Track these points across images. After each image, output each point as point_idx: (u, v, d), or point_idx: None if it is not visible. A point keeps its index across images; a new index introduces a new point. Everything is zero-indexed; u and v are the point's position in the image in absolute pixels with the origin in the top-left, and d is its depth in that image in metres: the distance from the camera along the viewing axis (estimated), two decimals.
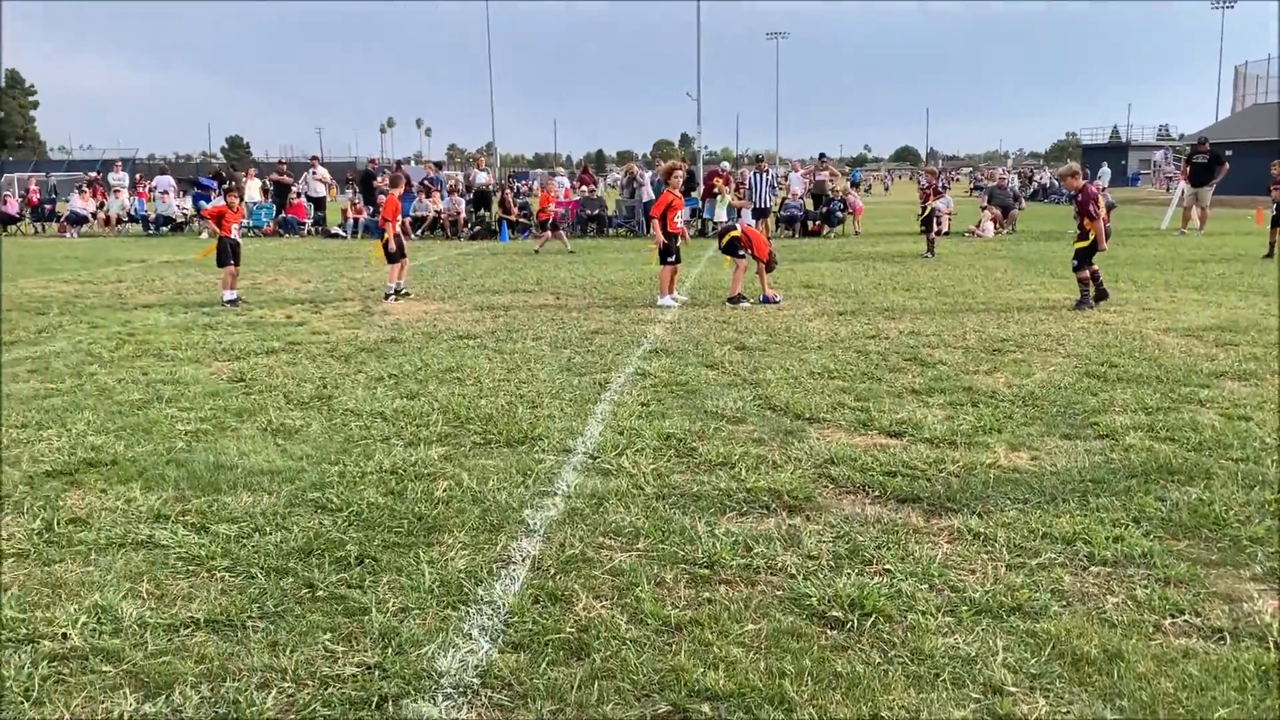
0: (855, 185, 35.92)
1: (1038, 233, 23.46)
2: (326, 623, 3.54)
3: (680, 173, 12.71)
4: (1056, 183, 39.52)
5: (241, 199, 14.91)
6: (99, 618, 3.58)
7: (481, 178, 27.43)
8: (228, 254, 12.31)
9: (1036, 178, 58.53)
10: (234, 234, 12.48)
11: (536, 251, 20.11)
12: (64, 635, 3.45)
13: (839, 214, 24.70)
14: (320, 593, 3.78)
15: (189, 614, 3.60)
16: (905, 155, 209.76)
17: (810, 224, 24.83)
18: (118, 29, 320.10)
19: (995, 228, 23.42)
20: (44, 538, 4.36)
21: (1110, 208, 24.27)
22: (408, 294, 12.94)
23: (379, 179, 26.27)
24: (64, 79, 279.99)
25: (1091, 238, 11.17)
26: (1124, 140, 76.96)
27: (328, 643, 3.39)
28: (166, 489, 4.96)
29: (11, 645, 3.39)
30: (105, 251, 21.43)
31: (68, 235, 26.71)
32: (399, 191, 13.84)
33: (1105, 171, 45.32)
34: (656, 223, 12.39)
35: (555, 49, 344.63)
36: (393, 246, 12.74)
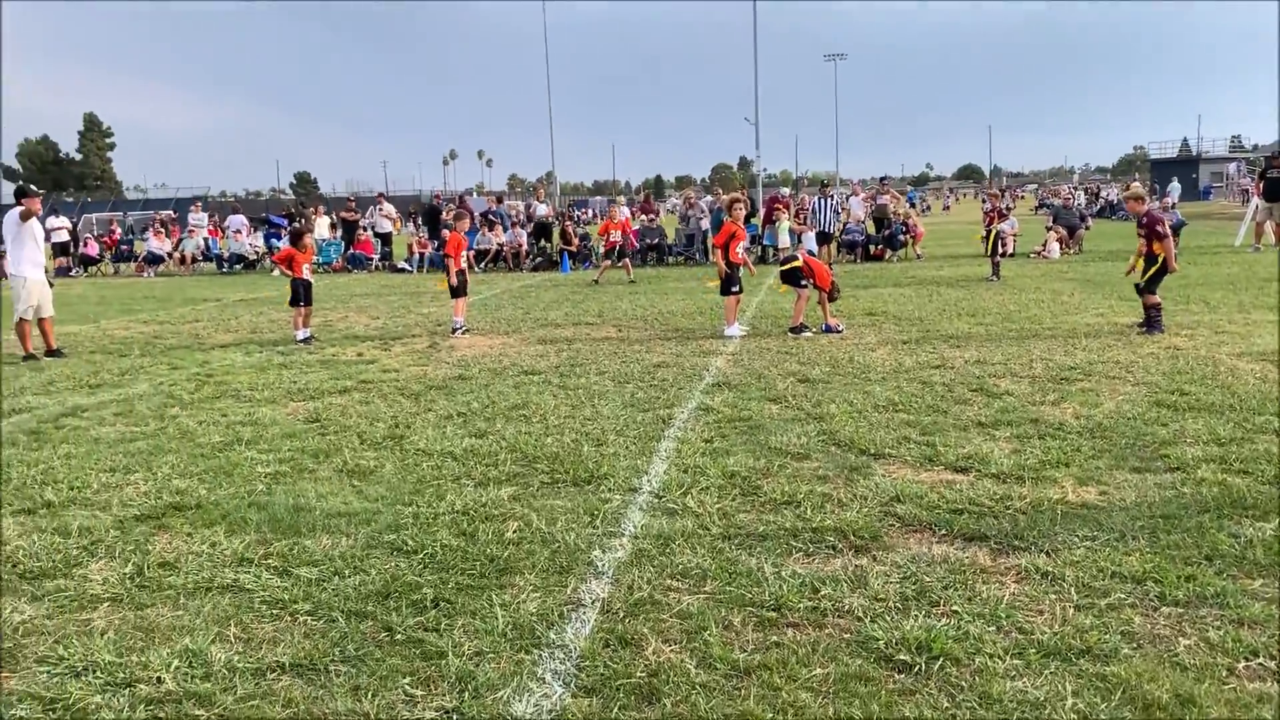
0: (912, 205, 35.67)
1: (1105, 252, 23.10)
2: (405, 666, 3.66)
3: (741, 205, 12.81)
4: (1123, 202, 38.83)
5: (310, 235, 15.33)
6: (190, 662, 3.74)
7: (541, 209, 27.81)
8: (299, 294, 12.67)
9: (1103, 194, 57.65)
10: (305, 274, 12.86)
11: (596, 281, 20.31)
12: (158, 679, 3.61)
13: (901, 238, 24.57)
14: (398, 636, 3.91)
15: (274, 658, 3.75)
16: (968, 173, 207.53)
17: (872, 248, 24.75)
18: (188, 69, 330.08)
19: (1061, 248, 23.12)
20: (135, 582, 4.55)
21: (1179, 226, 23.87)
22: (469, 330, 13.17)
23: (444, 212, 26.77)
24: (138, 119, 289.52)
25: (1161, 260, 11.02)
26: (1194, 153, 75.39)
27: (407, 687, 3.51)
28: (249, 532, 5.15)
29: (111, 689, 3.56)
30: (182, 291, 22.12)
31: (145, 275, 27.62)
32: (463, 227, 14.11)
33: (1175, 187, 44.41)
34: (719, 253, 12.52)
35: (613, 75, 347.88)
36: (454, 280, 13.06)
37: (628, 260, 21.53)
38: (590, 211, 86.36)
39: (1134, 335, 10.83)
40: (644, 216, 27.05)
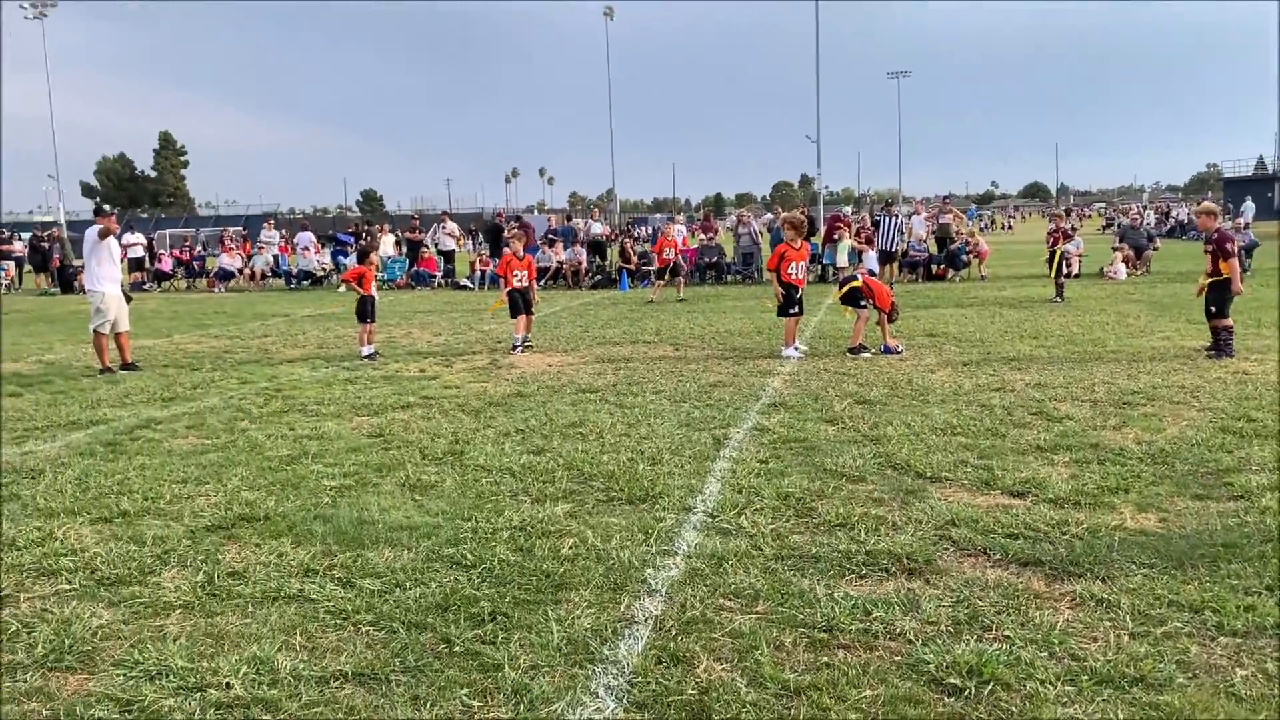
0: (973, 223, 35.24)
1: (1173, 274, 22.66)
2: (463, 678, 3.76)
3: (792, 228, 12.78)
4: (1194, 219, 37.96)
5: (376, 253, 15.71)
6: (257, 668, 3.88)
7: (596, 228, 28.10)
8: (366, 310, 12.97)
9: (1174, 213, 56.45)
10: (372, 290, 13.17)
11: (652, 300, 20.40)
12: (228, 685, 3.76)
13: (964, 257, 24.33)
14: (457, 648, 4.01)
15: (338, 667, 3.88)
16: (1034, 192, 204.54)
17: (934, 268, 24.55)
18: (260, 90, 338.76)
19: (1128, 269, 22.74)
20: (206, 590, 4.72)
21: (1252, 247, 23.34)
22: (530, 345, 13.35)
23: (505, 230, 27.14)
24: (211, 138, 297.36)
25: (1226, 280, 10.83)
26: (1271, 171, 73.52)
27: (465, 698, 3.61)
28: (315, 544, 5.31)
29: (183, 693, 3.71)
30: (251, 306, 22.68)
31: (216, 290, 28.36)
32: (517, 248, 14.24)
33: (1249, 206, 43.31)
34: (773, 276, 12.55)
35: (675, 93, 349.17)
36: (502, 301, 13.46)
37: (680, 279, 21.59)
38: (649, 229, 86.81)
39: (1201, 359, 10.65)
40: (703, 235, 27.13)
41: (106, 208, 13.18)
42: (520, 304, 13.41)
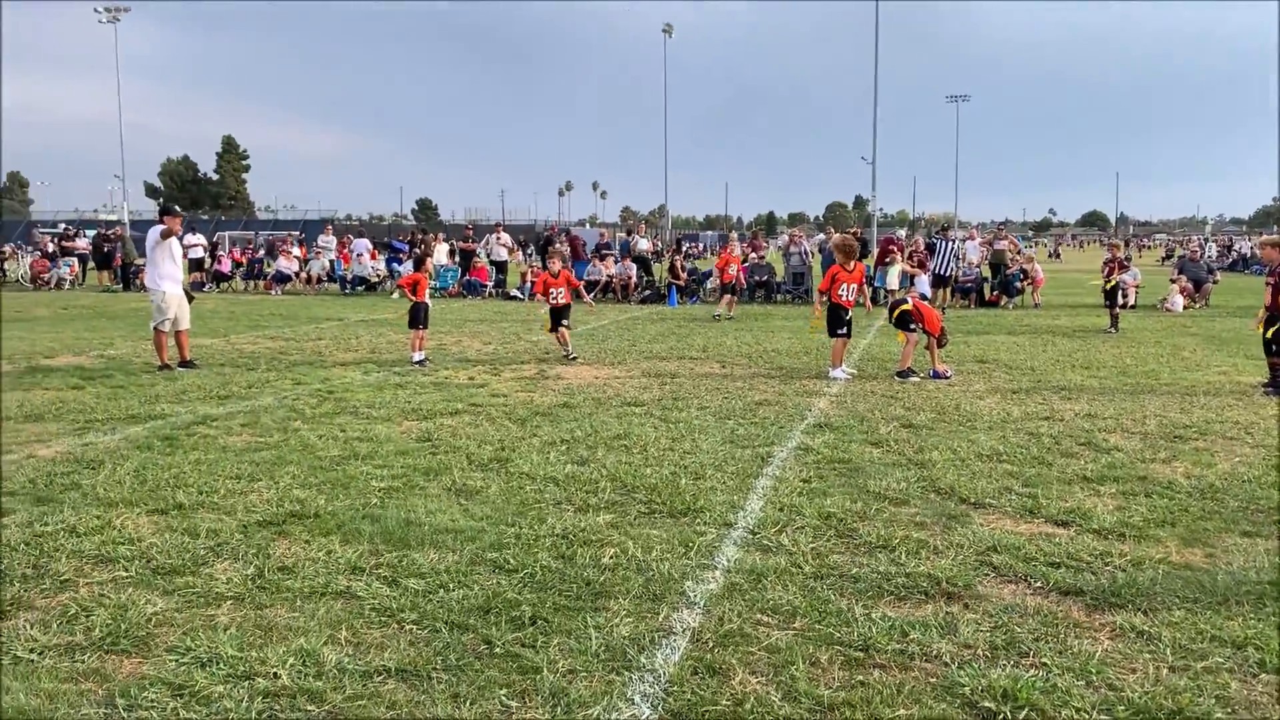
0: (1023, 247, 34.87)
1: (1233, 308, 22.27)
2: (503, 679, 3.84)
3: (844, 251, 12.77)
4: (1257, 253, 37.25)
5: (431, 260, 15.91)
6: (304, 660, 3.99)
7: (643, 244, 28.26)
8: (419, 317, 13.17)
9: (1236, 246, 55.43)
10: (425, 298, 13.38)
11: (717, 317, 20.26)
12: (275, 674, 3.87)
13: (1017, 284, 24.12)
14: (497, 649, 4.09)
15: (381, 662, 3.98)
16: (1093, 220, 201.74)
17: (987, 294, 24.37)
18: (322, 96, 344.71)
19: (1187, 301, 22.38)
20: (256, 583, 4.86)
21: None
22: (575, 358, 13.47)
23: (557, 243, 27.41)
24: (272, 142, 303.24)
25: None
26: None
27: (504, 698, 3.69)
28: (362, 543, 5.43)
29: (232, 680, 3.83)
30: (307, 309, 23.08)
31: (273, 293, 28.89)
32: (555, 266, 14.44)
33: None
34: (819, 297, 12.54)
35: (729, 111, 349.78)
36: (545, 316, 13.96)
37: (733, 297, 21.58)
38: (701, 245, 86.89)
39: (1258, 396, 10.48)
40: (754, 254, 27.15)
41: (175, 208, 13.54)
42: (553, 320, 13.90)
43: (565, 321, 13.93)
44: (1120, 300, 18.56)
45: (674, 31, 68.09)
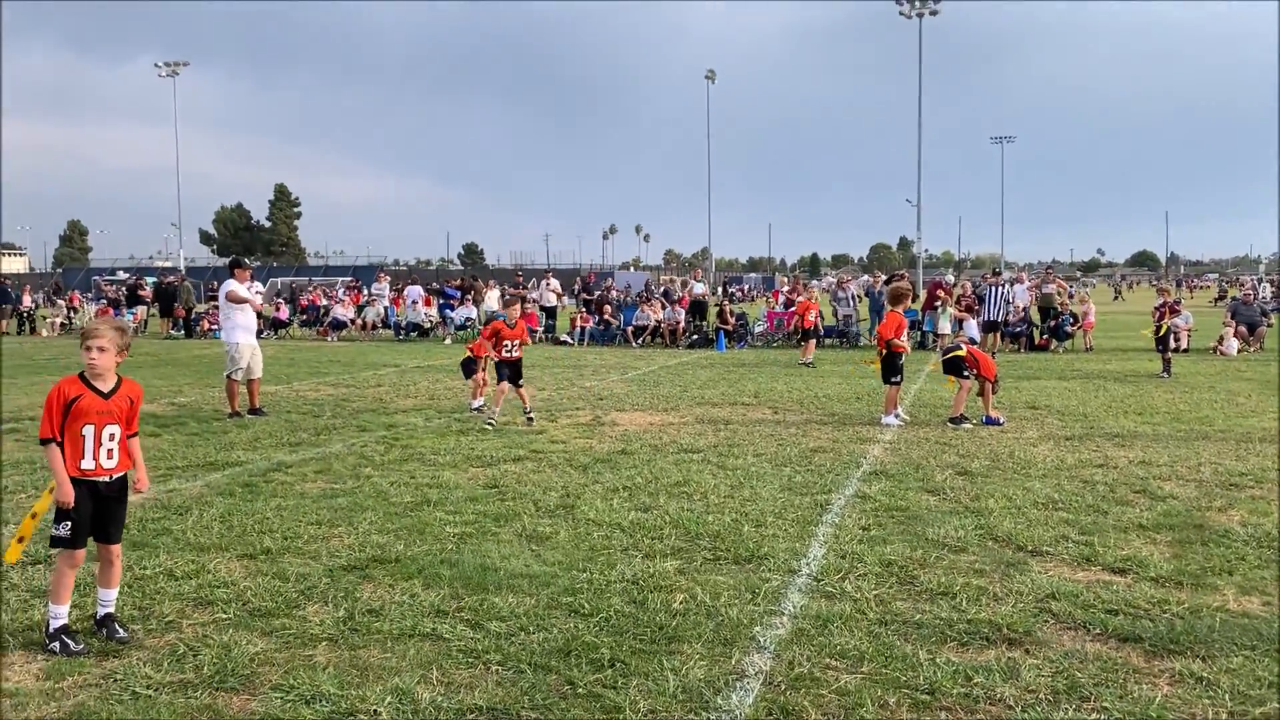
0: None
1: None
2: (585, 717, 4.07)
3: (906, 301, 12.98)
4: None
5: (480, 305, 16.21)
6: (400, 699, 4.25)
7: (699, 289, 28.59)
8: (475, 365, 13.52)
9: None
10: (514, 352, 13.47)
11: (803, 363, 20.27)
12: (375, 711, 4.14)
13: (1068, 328, 24.08)
14: (580, 690, 4.33)
15: (473, 701, 4.23)
16: (1142, 260, 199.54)
17: (1037, 338, 24.35)
18: (371, 145, 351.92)
19: (1240, 344, 22.23)
20: (348, 625, 5.14)
21: None
22: (534, 420, 12.30)
23: (598, 290, 27.85)
24: (321, 189, 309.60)
25: None
26: None
27: None
28: (443, 587, 5.70)
29: (336, 716, 4.10)
30: (363, 356, 23.63)
31: (329, 339, 29.56)
32: (512, 314, 12.75)
33: None
34: (880, 344, 12.66)
35: (771, 152, 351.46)
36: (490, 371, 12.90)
37: (811, 343, 21.48)
38: (746, 287, 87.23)
39: None
40: (797, 299, 27.35)
41: (245, 260, 14.09)
42: (507, 374, 12.21)
43: (521, 381, 12.52)
44: (1173, 344, 18.52)
45: (716, 77, 68.98)
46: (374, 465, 9.39)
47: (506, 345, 12.26)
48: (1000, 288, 22.11)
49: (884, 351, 12.51)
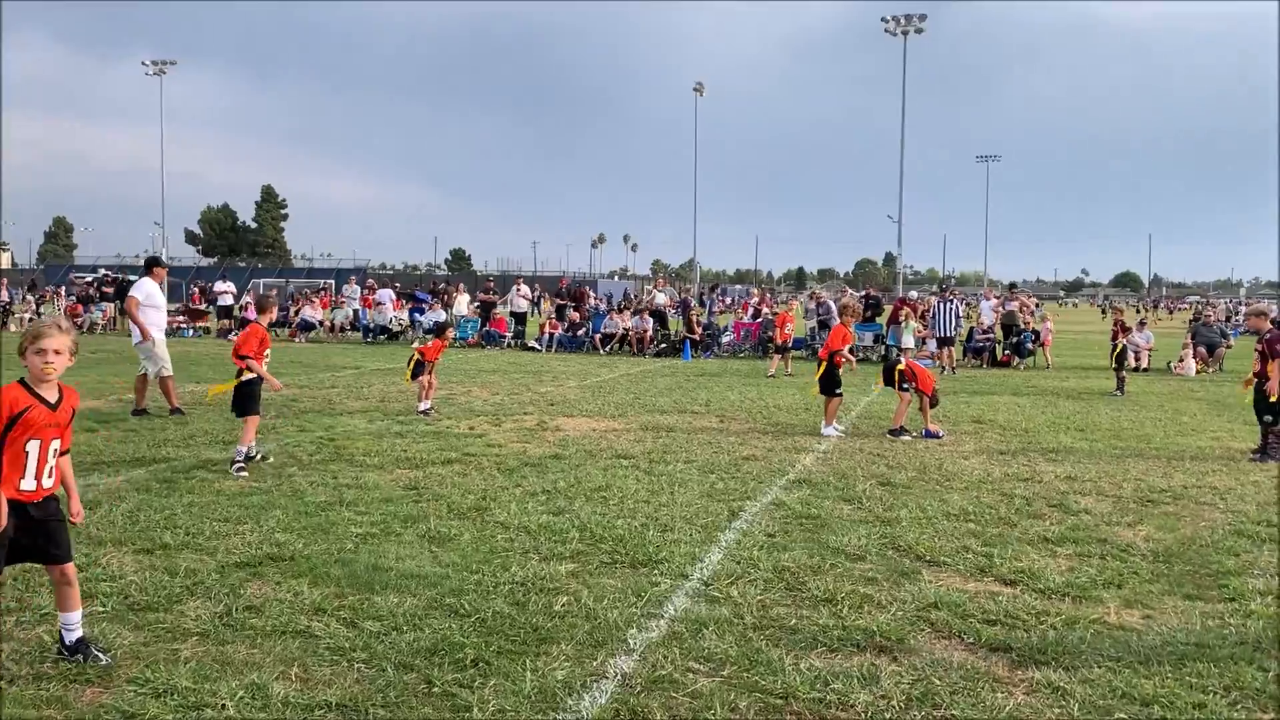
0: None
1: (1249, 372, 22.16)
2: (434, 715, 4.07)
3: (851, 315, 13.09)
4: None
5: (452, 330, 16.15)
6: (253, 694, 4.23)
7: (661, 298, 28.69)
8: (423, 368, 13.51)
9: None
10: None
11: (771, 376, 20.18)
12: (223, 706, 4.12)
13: (1029, 345, 24.22)
14: (435, 689, 4.32)
15: (325, 697, 4.21)
16: (1125, 281, 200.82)
17: (999, 354, 24.47)
18: (360, 149, 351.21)
19: (1199, 365, 22.37)
20: (223, 621, 5.12)
21: None
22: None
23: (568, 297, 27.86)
24: (309, 191, 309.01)
25: (1271, 381, 10.77)
26: None
27: None
28: (329, 585, 5.68)
29: (183, 710, 4.08)
30: (326, 357, 23.56)
31: (298, 340, 29.48)
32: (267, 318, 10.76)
33: None
34: (828, 356, 12.62)
35: (760, 165, 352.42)
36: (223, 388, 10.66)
37: (788, 354, 21.51)
38: (729, 300, 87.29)
39: (1245, 461, 10.56)
40: (766, 310, 27.44)
41: (162, 259, 14.07)
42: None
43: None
44: (1130, 363, 18.64)
45: (704, 90, 69.15)
46: (300, 465, 9.36)
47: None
48: (949, 303, 22.18)
49: (824, 363, 12.55)
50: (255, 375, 9.28)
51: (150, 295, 13.10)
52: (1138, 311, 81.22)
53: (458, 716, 4.06)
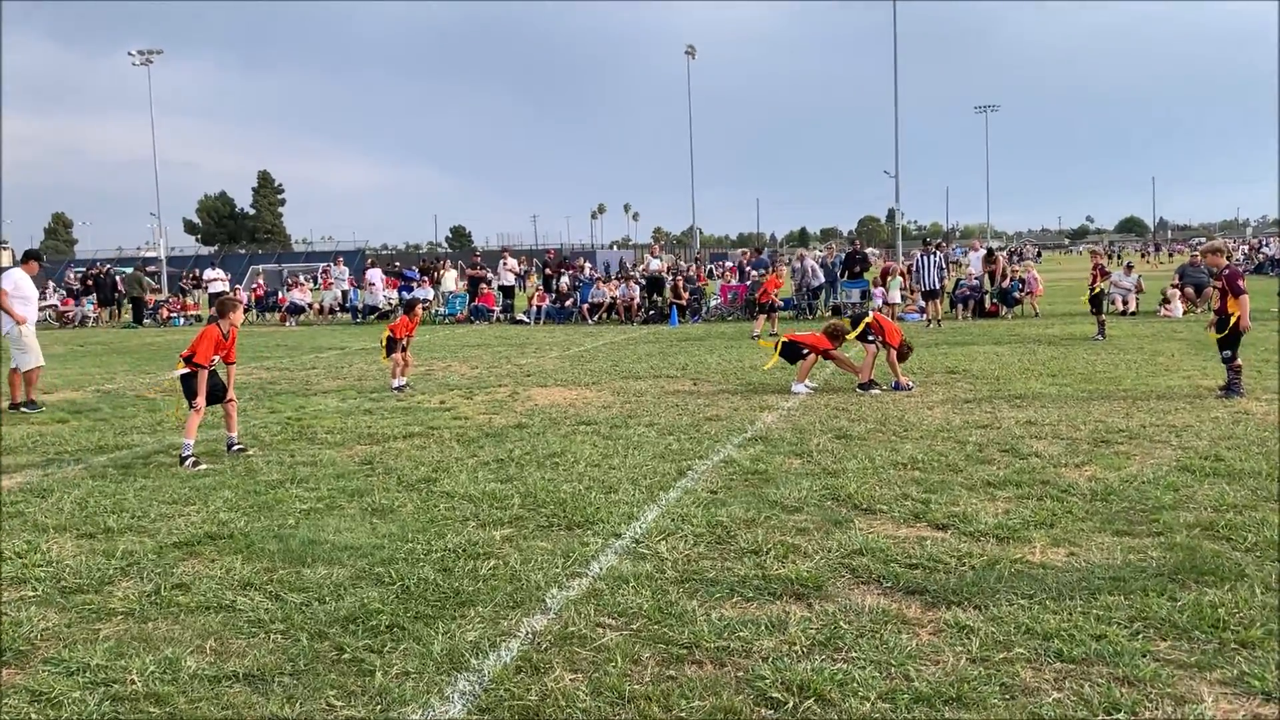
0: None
1: None
2: (338, 681, 4.12)
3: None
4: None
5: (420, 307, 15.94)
6: (165, 668, 4.29)
7: (655, 264, 28.58)
8: (395, 345, 13.53)
9: (1265, 249, 54.62)
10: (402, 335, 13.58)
11: (755, 336, 20.14)
12: (133, 682, 4.17)
13: (1015, 294, 24.14)
14: (345, 655, 4.37)
15: (234, 669, 4.27)
16: (1130, 226, 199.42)
17: (988, 304, 24.41)
18: (356, 129, 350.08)
19: (1186, 306, 22.28)
20: (151, 599, 5.17)
21: None
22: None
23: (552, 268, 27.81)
24: (307, 175, 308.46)
25: (1235, 318, 10.73)
26: None
27: (331, 698, 3.97)
28: (263, 560, 5.74)
29: (90, 687, 4.14)
30: (313, 339, 23.63)
31: (287, 324, 29.54)
32: (235, 319, 9.55)
33: None
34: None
35: (758, 127, 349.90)
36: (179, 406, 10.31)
37: (774, 315, 21.64)
38: (730, 265, 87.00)
39: (1211, 399, 10.55)
40: (752, 271, 27.39)
41: (37, 252, 13.98)
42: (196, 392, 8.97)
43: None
44: (1107, 307, 18.58)
45: (697, 53, 68.58)
46: (261, 444, 9.42)
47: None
48: (932, 255, 22.08)
49: (781, 342, 12.64)
50: (191, 370, 9.08)
51: (19, 286, 12.86)
52: (1143, 256, 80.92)
53: (359, 681, 4.11)
